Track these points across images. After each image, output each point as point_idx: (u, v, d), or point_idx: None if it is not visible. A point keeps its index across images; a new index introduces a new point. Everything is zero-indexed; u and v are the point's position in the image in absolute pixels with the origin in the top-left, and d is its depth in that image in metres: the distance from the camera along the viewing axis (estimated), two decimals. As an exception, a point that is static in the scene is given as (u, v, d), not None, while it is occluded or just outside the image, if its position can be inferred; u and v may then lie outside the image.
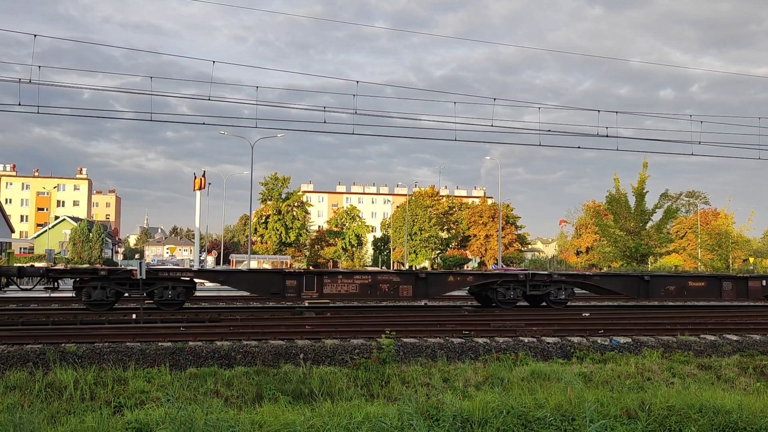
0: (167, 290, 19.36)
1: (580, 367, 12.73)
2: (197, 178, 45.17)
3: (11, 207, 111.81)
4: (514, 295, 21.73)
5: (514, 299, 21.81)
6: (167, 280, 19.57)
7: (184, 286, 19.73)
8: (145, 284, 18.86)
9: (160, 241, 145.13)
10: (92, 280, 19.05)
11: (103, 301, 18.90)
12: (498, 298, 21.67)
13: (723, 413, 8.12)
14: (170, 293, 19.36)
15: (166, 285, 19.44)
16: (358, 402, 9.01)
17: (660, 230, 49.11)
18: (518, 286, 21.80)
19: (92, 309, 18.84)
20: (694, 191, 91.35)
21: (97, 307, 18.84)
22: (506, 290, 21.67)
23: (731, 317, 19.94)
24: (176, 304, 19.51)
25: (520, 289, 21.81)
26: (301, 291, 20.45)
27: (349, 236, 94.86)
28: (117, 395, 10.25)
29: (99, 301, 18.84)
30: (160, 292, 19.37)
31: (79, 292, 19.22)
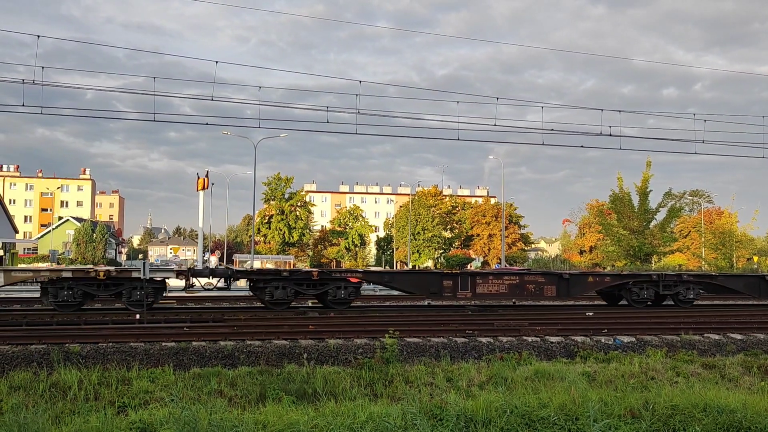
0: (339, 290, 20.75)
1: (583, 366, 12.71)
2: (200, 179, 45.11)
3: (15, 207, 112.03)
4: (647, 295, 22.57)
5: (647, 298, 22.62)
6: (339, 280, 21.00)
7: (354, 286, 21.09)
8: (319, 284, 20.60)
9: (163, 241, 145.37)
10: (274, 280, 20.38)
11: (283, 300, 20.31)
12: (632, 297, 22.55)
13: (727, 412, 8.10)
14: (342, 293, 20.72)
15: (338, 285, 20.80)
16: (361, 402, 9.02)
17: (663, 229, 48.99)
18: (651, 286, 22.65)
19: (271, 307, 20.14)
20: (697, 190, 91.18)
21: (276, 305, 20.16)
22: (640, 290, 22.56)
23: (735, 316, 19.89)
24: (345, 303, 20.79)
25: (653, 288, 22.66)
26: (457, 291, 21.76)
27: (352, 236, 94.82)
28: (121, 395, 10.27)
29: (280, 300, 20.23)
30: (333, 291, 20.71)
31: (261, 291, 20.44)
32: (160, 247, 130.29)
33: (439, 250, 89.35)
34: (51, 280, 18.90)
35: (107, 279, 18.80)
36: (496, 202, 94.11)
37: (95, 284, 18.92)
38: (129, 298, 19.06)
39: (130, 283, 19.04)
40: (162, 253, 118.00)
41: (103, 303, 21.86)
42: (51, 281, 18.86)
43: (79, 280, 18.87)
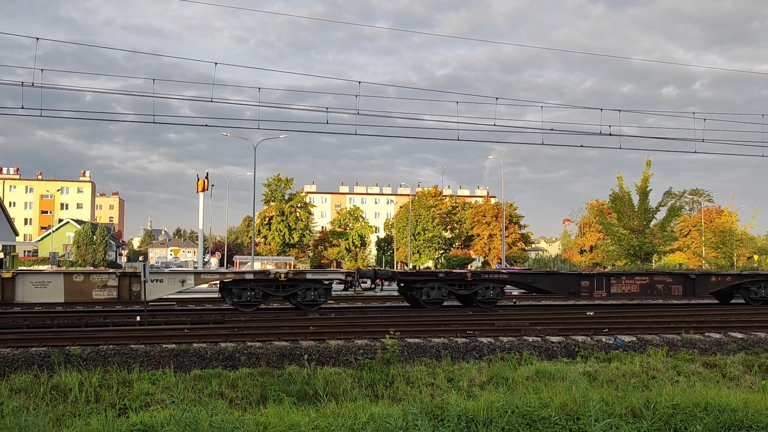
0: (488, 290, 21.86)
1: (584, 366, 12.71)
2: (200, 180, 45.25)
3: (15, 210, 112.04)
4: (764, 294, 23.63)
5: (764, 297, 23.61)
6: (488, 281, 22.11)
7: (500, 287, 22.28)
8: (470, 285, 21.71)
9: (163, 242, 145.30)
10: (430, 281, 21.50)
11: (438, 300, 21.37)
12: (749, 296, 23.68)
13: (728, 411, 8.10)
14: (491, 293, 21.83)
15: (488, 286, 21.91)
16: (362, 402, 9.01)
17: (664, 228, 48.93)
18: None
19: (428, 306, 21.19)
20: (697, 189, 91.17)
21: (431, 305, 21.25)
22: (758, 289, 23.68)
23: (736, 315, 19.88)
24: (492, 303, 21.95)
25: None
26: (593, 291, 22.78)
27: (352, 237, 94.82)
28: (122, 397, 10.26)
29: (436, 300, 21.27)
30: (483, 291, 21.77)
31: (419, 291, 21.41)
32: (160, 249, 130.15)
33: (440, 250, 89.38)
34: (235, 281, 20.32)
35: (286, 281, 20.23)
36: (496, 202, 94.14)
37: (274, 285, 20.30)
38: (303, 298, 20.39)
39: (305, 285, 20.43)
40: (162, 254, 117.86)
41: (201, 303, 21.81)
42: (235, 282, 20.24)
43: (260, 282, 20.26)
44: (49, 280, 18.81)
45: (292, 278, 20.42)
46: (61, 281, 18.84)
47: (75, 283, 18.98)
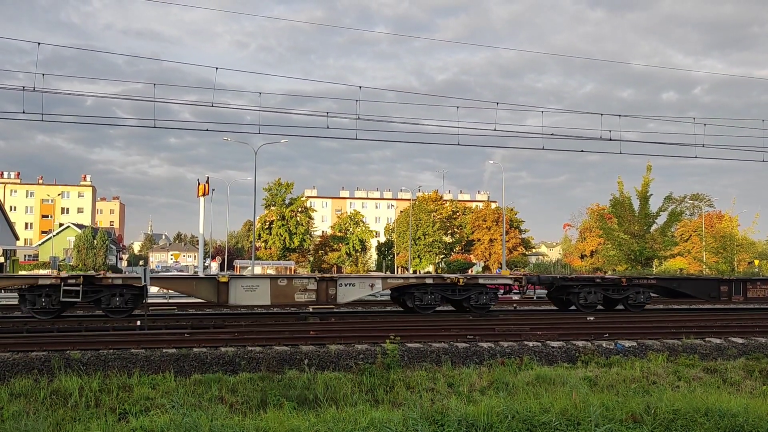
0: (639, 295, 23.02)
1: (585, 371, 12.69)
2: (201, 185, 45.23)
3: (16, 214, 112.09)
4: None
5: None
6: (639, 286, 23.21)
7: (649, 292, 23.43)
8: (623, 289, 22.92)
9: (164, 247, 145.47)
10: (587, 286, 22.74)
11: (593, 304, 22.66)
12: None
13: (729, 417, 8.09)
14: (641, 297, 22.98)
15: (638, 291, 23.09)
16: (362, 407, 9.00)
17: (664, 233, 48.97)
18: None
19: (583, 309, 22.40)
20: (698, 194, 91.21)
21: (586, 308, 22.41)
22: None
23: (736, 320, 19.87)
24: (641, 306, 23.17)
25: None
26: (732, 295, 23.67)
27: (352, 241, 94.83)
28: (122, 402, 10.25)
29: (592, 304, 22.42)
30: (634, 296, 23.04)
31: (575, 296, 22.66)
32: (160, 253, 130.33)
33: (440, 255, 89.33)
34: (416, 285, 21.52)
35: (463, 285, 21.46)
36: (497, 206, 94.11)
37: (451, 289, 21.48)
38: (477, 301, 21.54)
39: (477, 289, 21.66)
40: (163, 259, 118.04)
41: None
42: (416, 286, 21.49)
43: (439, 286, 21.39)
44: (257, 285, 20.11)
45: (467, 283, 21.57)
46: (267, 285, 20.13)
47: (280, 287, 20.26)
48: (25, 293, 18.96)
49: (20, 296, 19.45)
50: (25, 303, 19.02)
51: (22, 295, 19.22)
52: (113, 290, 19.15)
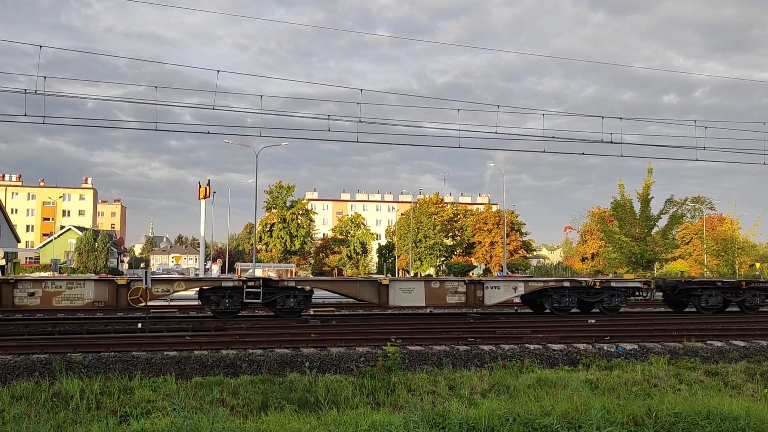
0: (756, 298, 23.50)
1: (586, 374, 12.68)
2: (202, 187, 45.30)
3: (17, 217, 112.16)
4: None
5: None
6: (756, 290, 23.84)
7: (721, 295, 23.59)
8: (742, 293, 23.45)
9: (165, 249, 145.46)
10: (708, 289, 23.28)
11: (714, 306, 23.07)
12: None
13: (730, 420, 8.08)
14: (712, 299, 23.26)
15: (710, 294, 23.47)
16: (363, 410, 8.99)
17: (665, 236, 48.93)
18: None
19: (704, 312, 22.81)
20: (699, 196, 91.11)
21: (707, 310, 22.92)
22: None
23: (738, 323, 19.85)
24: (755, 309, 23.59)
25: None
26: None
27: (353, 244, 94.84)
28: (123, 404, 10.25)
29: (713, 306, 22.89)
30: (750, 299, 23.72)
31: (697, 299, 23.21)
32: (161, 256, 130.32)
33: (441, 257, 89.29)
34: (554, 288, 22.30)
35: (600, 288, 22.29)
36: (498, 209, 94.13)
37: (586, 292, 22.33)
38: (609, 304, 22.28)
39: (610, 292, 22.40)
40: (164, 261, 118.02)
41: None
42: (554, 289, 22.25)
43: (575, 289, 22.21)
44: (413, 287, 21.17)
45: (602, 286, 22.33)
46: (422, 288, 21.12)
47: (433, 289, 21.22)
48: (209, 294, 20.12)
49: (203, 297, 20.41)
50: (209, 303, 20.24)
51: (206, 296, 20.26)
52: (287, 292, 20.27)
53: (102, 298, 19.19)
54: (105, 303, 19.27)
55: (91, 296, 19.12)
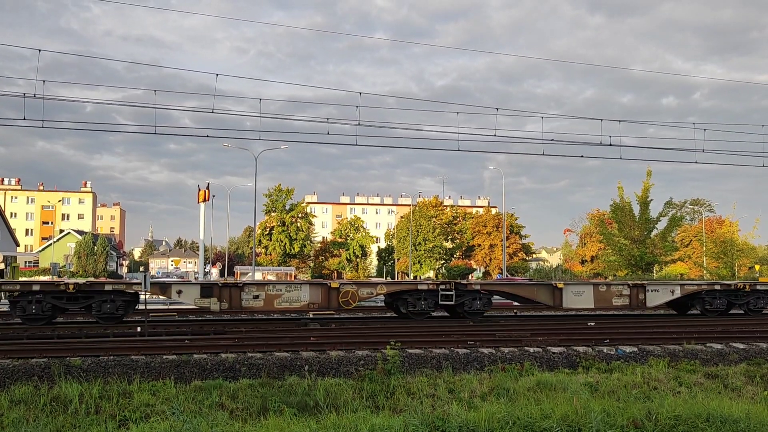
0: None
1: (586, 376, 12.67)
2: (201, 191, 45.30)
3: (16, 221, 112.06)
4: None
5: None
6: None
7: None
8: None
9: (164, 253, 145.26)
10: None
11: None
12: None
13: (730, 422, 8.08)
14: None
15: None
16: (363, 414, 8.98)
17: (665, 238, 48.98)
18: None
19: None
20: (698, 199, 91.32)
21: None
22: None
23: (737, 325, 19.84)
24: None
25: None
26: None
27: (353, 247, 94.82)
28: (122, 408, 10.23)
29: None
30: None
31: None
32: (161, 260, 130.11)
33: (441, 260, 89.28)
34: (706, 291, 22.94)
35: (749, 291, 23.35)
36: (497, 212, 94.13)
37: (734, 294, 23.31)
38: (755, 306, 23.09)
39: (755, 294, 23.32)
40: (163, 265, 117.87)
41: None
42: (706, 292, 22.94)
43: (724, 292, 23.05)
44: (583, 290, 22.55)
45: (751, 289, 23.32)
46: (591, 291, 22.52)
47: (601, 292, 22.63)
48: (406, 297, 21.28)
49: (400, 299, 21.45)
50: (405, 305, 21.29)
51: (403, 298, 21.35)
52: (474, 295, 21.52)
53: (316, 300, 20.65)
54: (318, 305, 20.71)
55: (306, 298, 20.60)
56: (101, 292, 19.07)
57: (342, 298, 20.58)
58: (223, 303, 19.84)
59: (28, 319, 18.60)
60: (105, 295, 19.04)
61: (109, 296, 19.06)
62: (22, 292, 18.76)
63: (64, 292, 18.72)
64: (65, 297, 18.81)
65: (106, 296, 19.03)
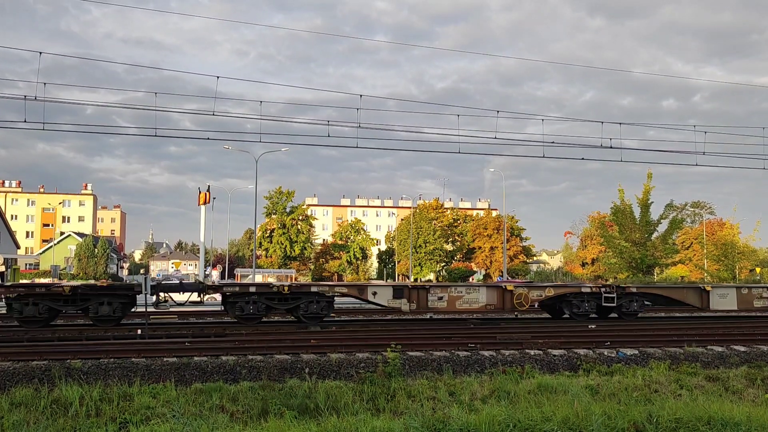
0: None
1: (586, 379, 12.66)
2: (202, 193, 45.16)
3: (17, 223, 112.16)
4: None
5: None
6: None
7: None
8: None
9: (165, 255, 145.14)
10: None
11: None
12: None
13: (731, 425, 8.07)
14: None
15: None
16: (363, 416, 8.97)
17: (665, 241, 48.94)
18: None
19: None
20: (699, 201, 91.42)
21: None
22: None
23: (738, 328, 19.82)
24: None
25: None
26: None
27: (353, 249, 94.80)
28: (122, 411, 10.22)
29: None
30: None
31: None
32: (161, 262, 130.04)
33: (441, 263, 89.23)
34: None
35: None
36: (498, 214, 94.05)
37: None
38: None
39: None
40: (164, 267, 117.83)
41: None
42: None
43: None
44: (728, 293, 23.73)
45: None
46: (734, 294, 23.71)
47: (743, 295, 23.85)
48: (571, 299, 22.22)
49: (565, 301, 22.39)
50: (570, 307, 22.27)
51: (567, 300, 22.28)
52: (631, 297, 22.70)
53: (492, 302, 21.70)
54: (495, 306, 21.74)
55: (484, 300, 21.65)
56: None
57: (516, 300, 21.59)
58: (412, 304, 21.09)
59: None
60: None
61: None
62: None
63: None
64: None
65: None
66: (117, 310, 19.26)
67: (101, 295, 19.16)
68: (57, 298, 18.85)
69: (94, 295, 19.15)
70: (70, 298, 18.89)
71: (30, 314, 18.53)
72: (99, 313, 18.99)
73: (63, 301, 18.95)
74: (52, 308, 18.93)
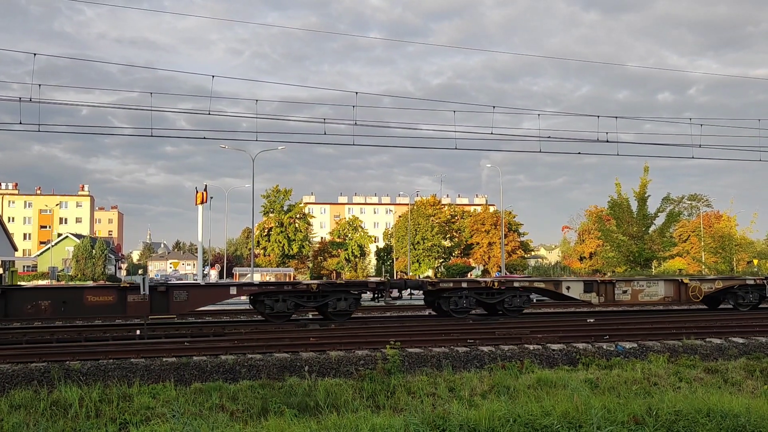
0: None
1: (586, 373, 12.67)
2: (199, 193, 45.11)
3: (14, 225, 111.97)
4: None
5: None
6: None
7: None
8: None
9: (163, 255, 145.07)
10: None
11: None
12: None
13: (731, 417, 8.08)
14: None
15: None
16: (363, 413, 8.97)
17: (663, 234, 49.00)
18: None
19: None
20: (696, 194, 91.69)
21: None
22: None
23: (737, 320, 19.87)
24: None
25: None
26: None
27: (351, 247, 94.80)
28: (122, 412, 10.21)
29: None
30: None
31: None
32: (159, 262, 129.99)
33: (439, 259, 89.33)
34: None
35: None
36: (495, 210, 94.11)
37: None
38: None
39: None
40: (162, 267, 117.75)
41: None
42: None
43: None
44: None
45: None
46: None
47: None
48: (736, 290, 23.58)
49: None
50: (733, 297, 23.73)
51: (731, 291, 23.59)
52: None
53: (670, 294, 23.11)
54: (672, 298, 23.22)
55: (662, 293, 23.03)
56: None
57: (692, 292, 22.87)
58: (600, 297, 22.43)
59: None
60: None
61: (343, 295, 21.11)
62: None
63: None
64: None
65: None
66: (351, 305, 20.74)
67: (339, 292, 20.66)
68: (302, 294, 20.34)
69: (333, 292, 20.65)
70: (313, 294, 20.36)
71: (281, 309, 20.21)
72: (337, 308, 20.46)
73: (306, 298, 20.40)
74: (297, 304, 20.40)
